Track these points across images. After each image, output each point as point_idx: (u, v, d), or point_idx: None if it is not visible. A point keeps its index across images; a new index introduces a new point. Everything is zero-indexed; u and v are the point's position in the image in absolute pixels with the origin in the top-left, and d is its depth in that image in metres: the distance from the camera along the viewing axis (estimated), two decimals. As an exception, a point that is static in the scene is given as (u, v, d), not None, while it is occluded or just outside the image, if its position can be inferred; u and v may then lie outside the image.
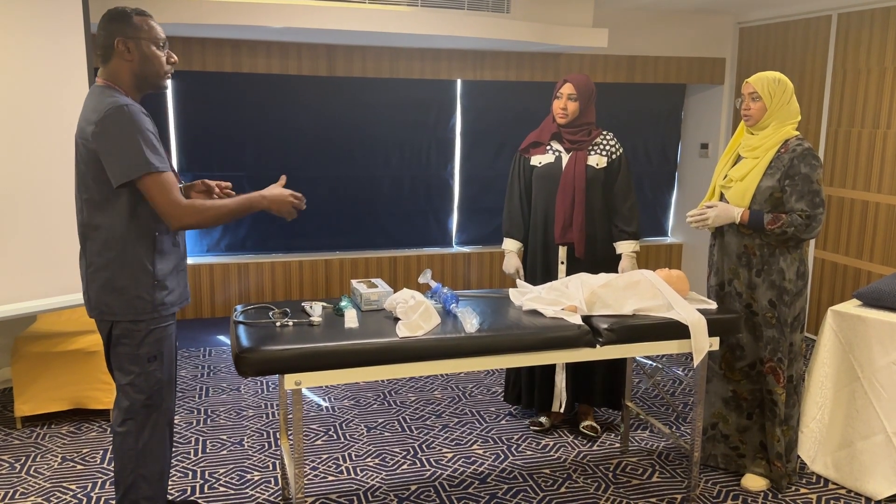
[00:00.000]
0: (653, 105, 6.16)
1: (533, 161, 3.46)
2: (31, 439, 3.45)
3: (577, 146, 3.38)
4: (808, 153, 2.84)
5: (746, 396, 3.07)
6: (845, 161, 4.85)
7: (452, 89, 5.66)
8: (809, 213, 2.80)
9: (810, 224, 2.81)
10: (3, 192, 3.17)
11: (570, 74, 3.59)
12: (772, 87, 2.88)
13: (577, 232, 3.37)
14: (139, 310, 2.27)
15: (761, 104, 2.89)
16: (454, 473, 3.21)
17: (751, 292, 2.98)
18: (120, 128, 2.15)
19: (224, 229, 5.43)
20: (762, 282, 2.94)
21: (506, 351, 2.56)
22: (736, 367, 3.06)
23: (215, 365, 4.48)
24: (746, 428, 3.10)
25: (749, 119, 2.95)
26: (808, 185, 2.81)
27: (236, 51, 4.86)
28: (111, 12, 2.25)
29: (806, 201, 2.81)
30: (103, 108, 2.15)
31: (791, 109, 2.91)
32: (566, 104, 3.36)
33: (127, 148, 2.15)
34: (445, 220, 5.91)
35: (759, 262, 2.94)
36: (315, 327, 2.53)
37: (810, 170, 2.82)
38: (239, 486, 3.08)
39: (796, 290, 2.94)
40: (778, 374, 2.95)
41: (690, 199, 6.23)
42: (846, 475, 3.09)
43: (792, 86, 2.93)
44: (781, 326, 2.93)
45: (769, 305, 2.94)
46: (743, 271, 2.98)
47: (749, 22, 5.64)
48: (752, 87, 2.91)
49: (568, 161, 3.38)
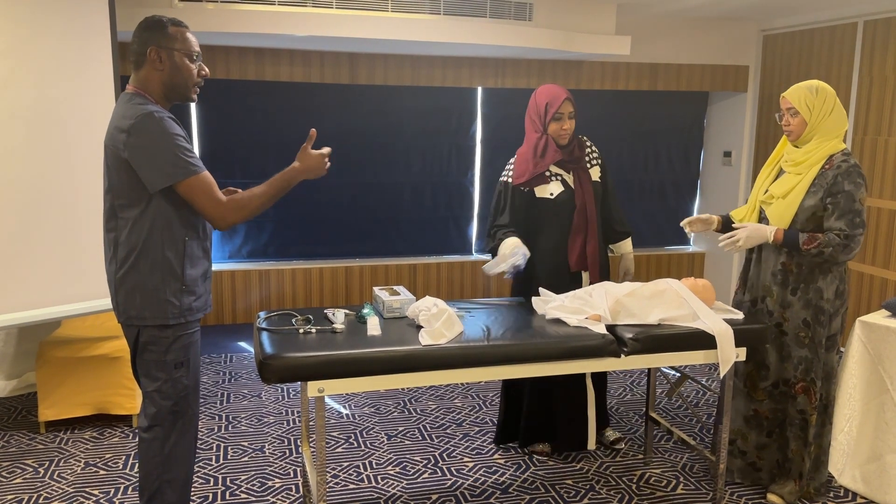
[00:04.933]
0: (675, 113, 6.12)
1: (540, 193, 3.16)
2: (55, 444, 3.48)
3: (577, 165, 3.20)
4: (853, 170, 2.72)
5: (768, 415, 3.01)
6: (871, 170, 4.79)
7: (473, 97, 5.66)
8: (848, 233, 2.69)
9: (848, 245, 2.70)
10: (29, 198, 3.21)
11: (553, 88, 3.17)
12: (809, 99, 2.75)
13: (592, 255, 3.20)
14: (167, 314, 2.28)
15: (800, 118, 2.77)
16: (475, 483, 3.19)
17: (783, 311, 2.89)
18: (152, 134, 2.17)
19: (246, 236, 5.46)
20: (797, 300, 2.85)
21: (529, 360, 2.54)
22: (760, 387, 2.99)
23: (236, 371, 4.49)
24: (765, 446, 3.05)
25: (790, 134, 2.84)
26: (850, 204, 2.70)
27: (259, 59, 4.89)
28: (148, 20, 2.27)
29: (846, 220, 2.70)
30: (133, 116, 2.17)
31: (835, 120, 2.77)
32: (569, 124, 3.13)
33: (162, 153, 2.17)
34: (465, 227, 5.90)
35: (795, 280, 2.85)
36: (338, 334, 2.53)
37: (854, 188, 2.71)
38: (260, 493, 3.08)
39: (833, 309, 2.85)
40: (811, 395, 2.88)
41: (713, 208, 6.17)
42: (875, 489, 3.03)
43: (833, 93, 2.79)
44: (815, 347, 2.85)
45: (803, 325, 2.85)
46: (777, 289, 2.90)
47: (773, 29, 5.59)
48: (789, 102, 2.79)
49: (575, 185, 3.18)
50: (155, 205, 2.23)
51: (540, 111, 3.16)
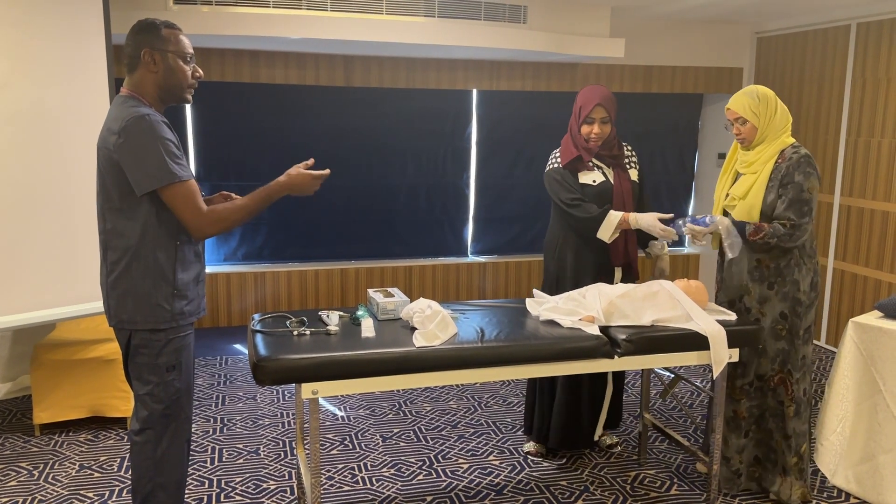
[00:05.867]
0: (670, 115, 6.14)
1: (583, 179, 3.20)
2: (50, 447, 3.47)
3: (615, 161, 3.25)
4: (803, 161, 2.81)
5: (744, 415, 3.02)
6: (865, 171, 4.81)
7: (468, 99, 5.67)
8: (795, 222, 2.78)
9: (794, 234, 2.79)
10: (23, 200, 3.21)
11: (593, 90, 3.18)
12: (754, 105, 2.83)
13: (633, 252, 3.27)
14: (159, 318, 2.27)
15: (750, 125, 2.86)
16: (470, 484, 3.20)
17: (760, 307, 2.94)
18: (141, 137, 2.17)
19: (241, 239, 5.45)
20: (775, 294, 2.91)
21: (523, 361, 2.55)
22: (737, 385, 3.01)
23: (231, 374, 4.49)
24: (743, 448, 3.06)
25: (744, 141, 2.91)
26: (798, 194, 2.78)
27: (254, 62, 4.89)
28: (141, 23, 2.27)
29: (794, 210, 2.78)
30: (125, 118, 2.17)
31: (780, 119, 2.86)
32: (600, 129, 3.12)
33: (149, 157, 2.17)
34: (461, 229, 5.91)
35: (772, 275, 2.91)
36: (332, 336, 2.53)
37: (804, 178, 2.79)
38: (255, 495, 3.08)
39: (809, 301, 2.91)
40: (787, 386, 2.92)
41: (707, 209, 6.19)
42: (868, 489, 3.05)
43: (773, 94, 2.87)
44: (793, 338, 2.90)
45: (780, 317, 2.91)
46: (754, 286, 2.94)
47: (767, 31, 5.61)
48: (736, 112, 2.86)
49: (615, 179, 3.22)
50: (146, 208, 2.23)
51: (576, 112, 3.20)
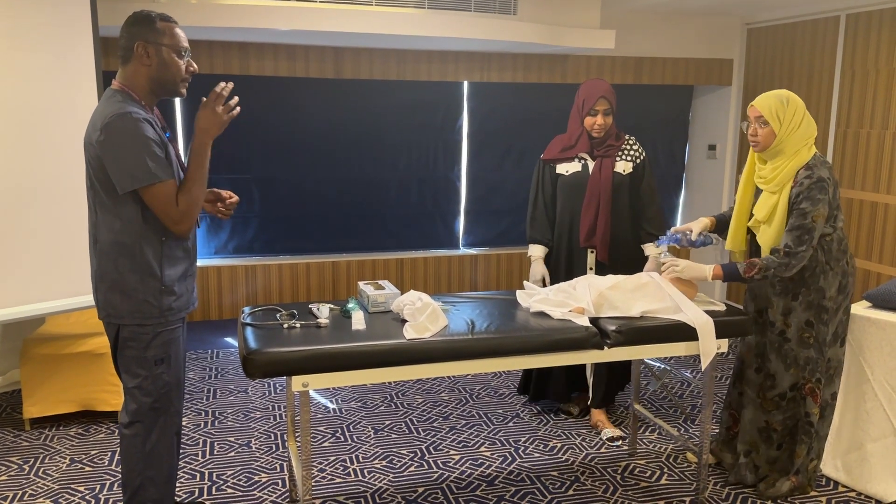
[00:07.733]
0: (660, 106, 6.14)
1: (559, 170, 3.46)
2: (40, 441, 3.46)
3: (605, 153, 3.38)
4: (814, 187, 2.66)
5: (777, 427, 2.99)
6: (854, 162, 4.83)
7: (459, 91, 5.66)
8: (791, 250, 2.67)
9: (789, 262, 2.69)
10: (13, 194, 3.19)
11: (595, 83, 3.37)
12: (780, 110, 2.67)
13: (601, 237, 3.38)
14: (146, 314, 2.27)
15: (769, 129, 2.70)
16: (461, 475, 3.21)
17: (784, 318, 2.88)
18: (122, 136, 2.15)
19: (232, 232, 5.44)
20: (799, 304, 2.84)
21: (513, 353, 2.56)
22: (768, 397, 2.99)
23: (223, 367, 4.48)
24: (776, 459, 3.04)
25: (756, 145, 2.76)
26: (800, 221, 2.68)
27: (244, 53, 4.87)
28: (136, 15, 2.25)
29: (793, 237, 2.68)
30: (109, 115, 2.15)
31: (802, 133, 2.71)
32: (603, 121, 3.32)
33: (129, 157, 2.15)
34: (452, 222, 5.91)
35: (795, 286, 2.83)
36: (322, 329, 2.53)
37: (810, 204, 2.66)
38: (246, 487, 3.08)
39: (836, 305, 2.84)
40: (816, 395, 2.89)
41: (698, 201, 6.22)
42: (856, 478, 3.07)
43: (803, 104, 2.72)
44: (819, 345, 2.86)
45: (806, 326, 2.85)
46: (777, 300, 2.88)
47: (757, 23, 5.62)
48: (758, 111, 2.70)
49: (594, 168, 3.38)
50: (132, 205, 2.22)
51: (578, 105, 3.39)
